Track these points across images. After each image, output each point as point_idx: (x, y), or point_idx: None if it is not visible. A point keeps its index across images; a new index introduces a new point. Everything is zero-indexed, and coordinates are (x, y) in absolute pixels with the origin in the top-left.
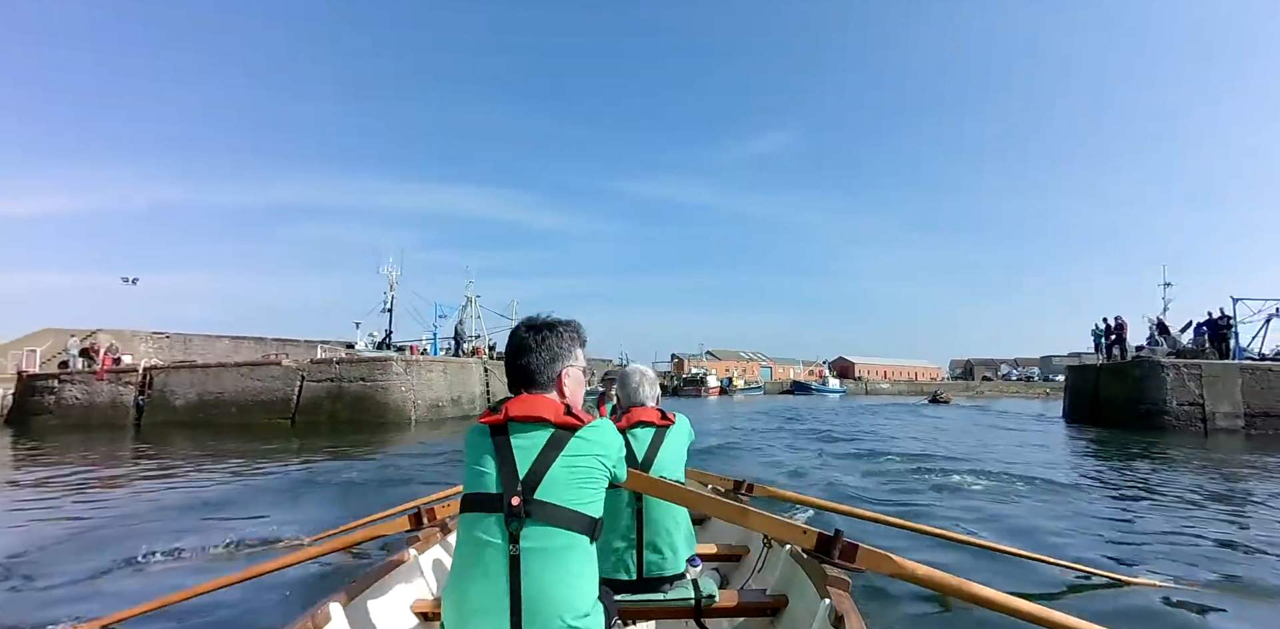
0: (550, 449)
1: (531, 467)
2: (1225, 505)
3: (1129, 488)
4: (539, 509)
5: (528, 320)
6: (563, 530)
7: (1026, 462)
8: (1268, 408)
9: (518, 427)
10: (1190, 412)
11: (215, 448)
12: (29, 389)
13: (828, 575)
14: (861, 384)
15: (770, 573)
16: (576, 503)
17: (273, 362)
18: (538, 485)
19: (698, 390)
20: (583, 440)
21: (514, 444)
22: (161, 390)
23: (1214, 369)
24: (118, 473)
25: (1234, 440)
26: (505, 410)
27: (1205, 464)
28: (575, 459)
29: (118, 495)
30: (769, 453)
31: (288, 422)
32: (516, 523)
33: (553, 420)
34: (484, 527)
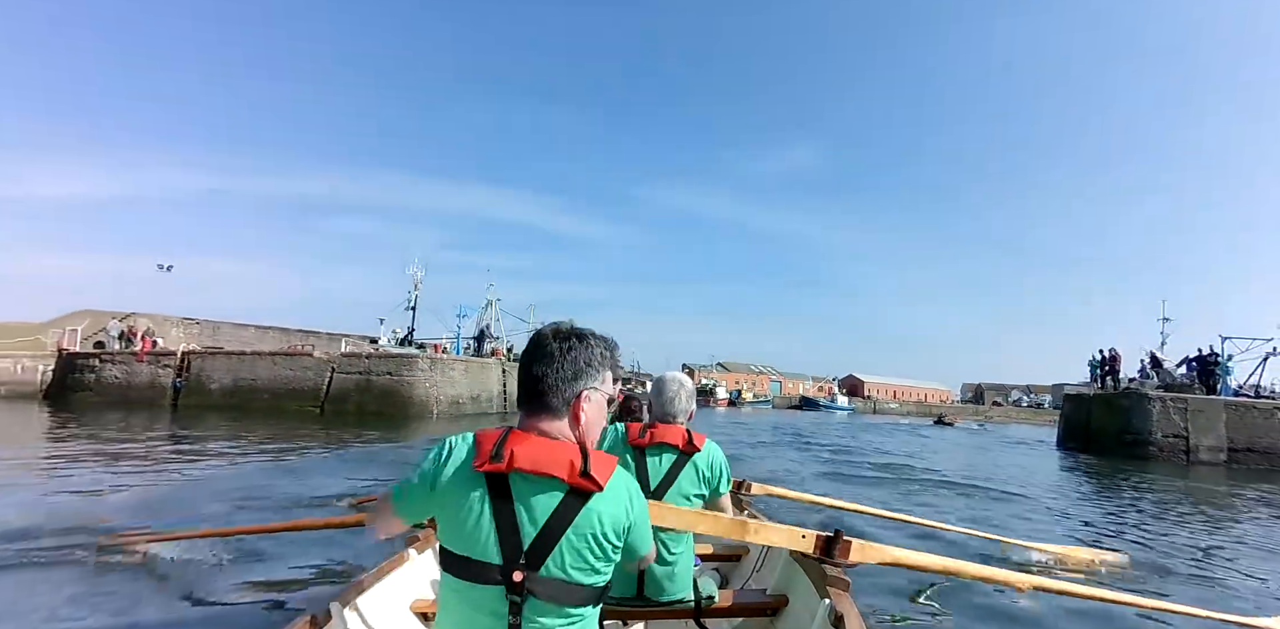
0: (559, 517)
1: (537, 537)
2: (1172, 518)
3: (1087, 500)
4: (542, 587)
5: (554, 326)
6: (569, 607)
7: (997, 476)
8: (1250, 443)
9: (523, 483)
10: (1174, 443)
11: (247, 428)
12: (70, 366)
13: (827, 575)
14: (870, 403)
15: (770, 573)
16: (587, 577)
17: (305, 353)
18: (543, 560)
19: (706, 401)
20: (593, 514)
21: (518, 506)
22: (198, 374)
23: (1199, 403)
24: (157, 445)
25: (1215, 472)
26: (509, 457)
27: (1170, 489)
28: (584, 536)
29: (157, 463)
30: (771, 456)
31: (317, 409)
32: (518, 598)
33: (565, 480)
34: (479, 599)
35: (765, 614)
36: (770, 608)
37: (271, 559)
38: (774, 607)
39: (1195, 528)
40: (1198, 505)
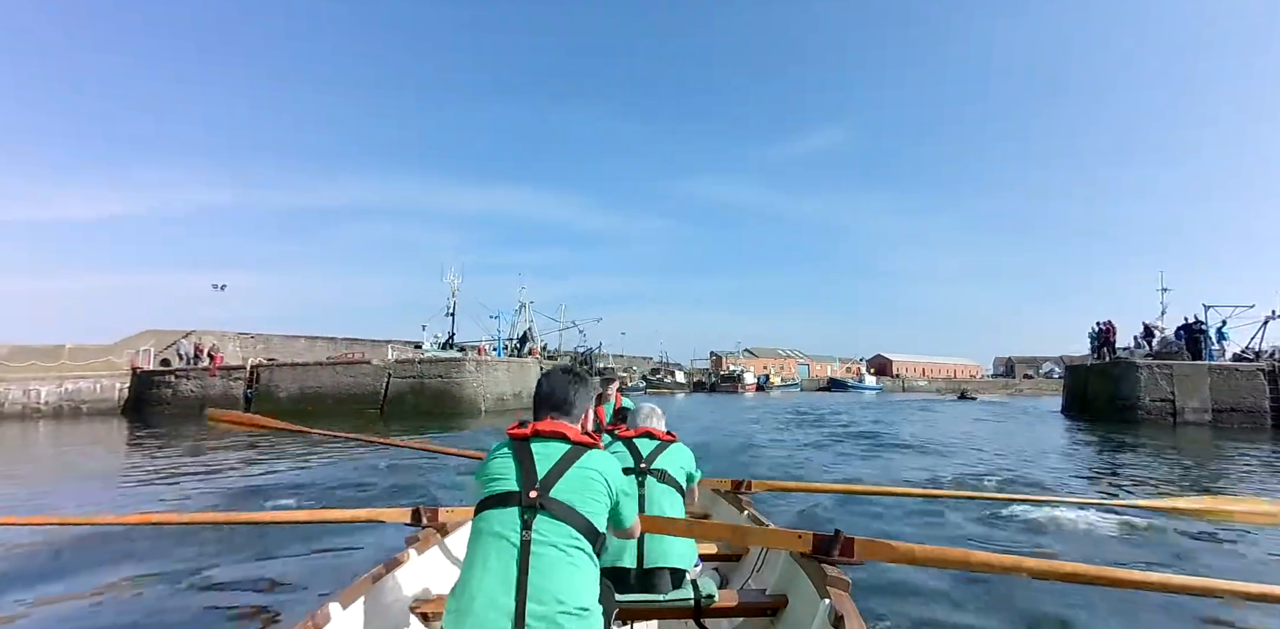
0: (566, 459)
1: (550, 470)
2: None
3: (1059, 451)
4: (551, 505)
5: (568, 367)
6: (570, 528)
7: (964, 440)
8: (1234, 403)
9: (541, 439)
10: (1161, 406)
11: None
12: (147, 383)
13: (827, 575)
14: (899, 381)
15: (770, 573)
16: (584, 509)
17: (364, 361)
18: (552, 486)
19: (734, 387)
20: (593, 458)
21: (535, 452)
22: (266, 384)
23: (1184, 369)
24: (233, 446)
25: (1200, 431)
26: (532, 427)
27: (1138, 443)
28: (586, 472)
29: (238, 462)
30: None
31: (377, 411)
32: (531, 513)
33: (571, 438)
34: (500, 517)
35: (765, 614)
36: (770, 608)
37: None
38: (774, 607)
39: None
40: (1165, 453)
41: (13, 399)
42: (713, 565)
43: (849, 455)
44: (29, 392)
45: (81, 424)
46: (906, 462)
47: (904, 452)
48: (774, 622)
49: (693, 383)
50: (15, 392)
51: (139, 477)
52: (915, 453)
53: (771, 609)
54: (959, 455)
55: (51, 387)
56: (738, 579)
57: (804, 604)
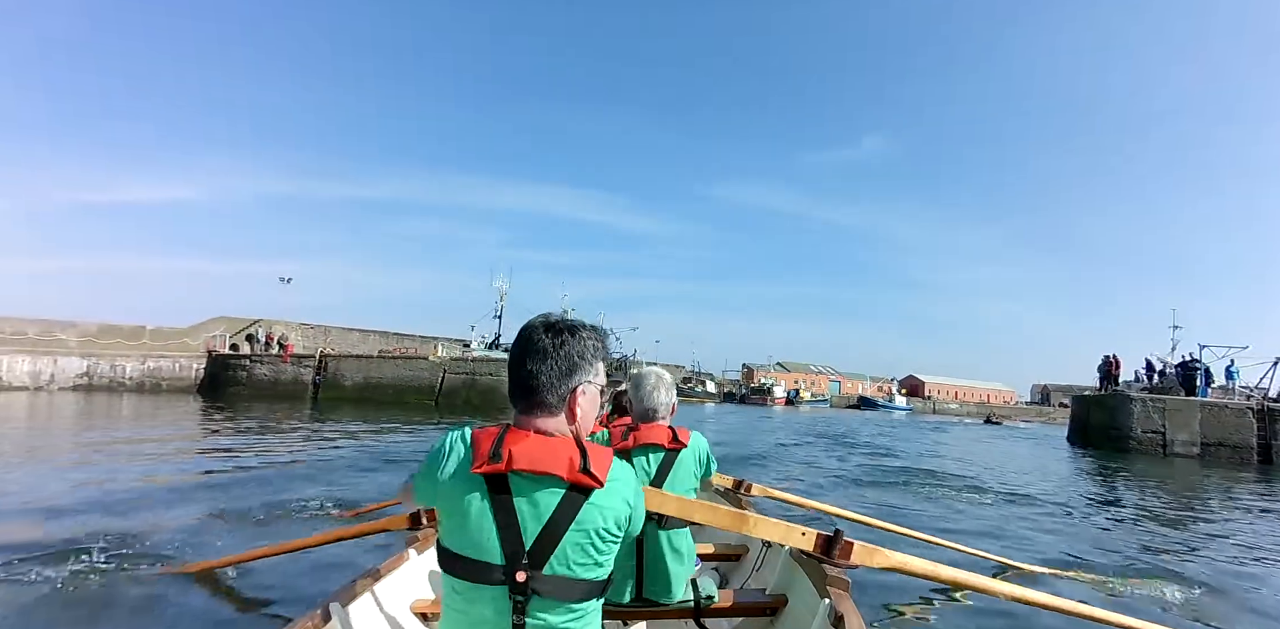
0: (561, 515)
1: (540, 536)
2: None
3: (1039, 471)
4: (547, 586)
5: (544, 319)
6: (573, 603)
7: (981, 462)
8: (1222, 438)
9: (522, 483)
10: (1153, 438)
11: (380, 415)
12: (222, 366)
13: (827, 575)
14: (929, 403)
15: (769, 573)
16: (589, 572)
17: (421, 356)
18: (546, 558)
19: (763, 399)
20: (594, 509)
21: (518, 506)
22: (334, 373)
23: (1176, 404)
24: (304, 428)
25: (1187, 463)
26: (508, 457)
27: (1120, 469)
28: (590, 528)
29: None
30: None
31: (433, 402)
32: (522, 598)
33: (565, 478)
34: (482, 599)
35: (765, 614)
36: (770, 608)
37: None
38: (774, 607)
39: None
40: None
41: (101, 373)
42: (712, 565)
43: (839, 455)
44: (116, 366)
45: (161, 398)
46: (887, 462)
47: (889, 458)
48: (774, 622)
49: (722, 393)
50: (104, 366)
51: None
52: (899, 458)
53: (771, 609)
54: (939, 465)
55: (136, 363)
56: (737, 579)
57: (804, 604)
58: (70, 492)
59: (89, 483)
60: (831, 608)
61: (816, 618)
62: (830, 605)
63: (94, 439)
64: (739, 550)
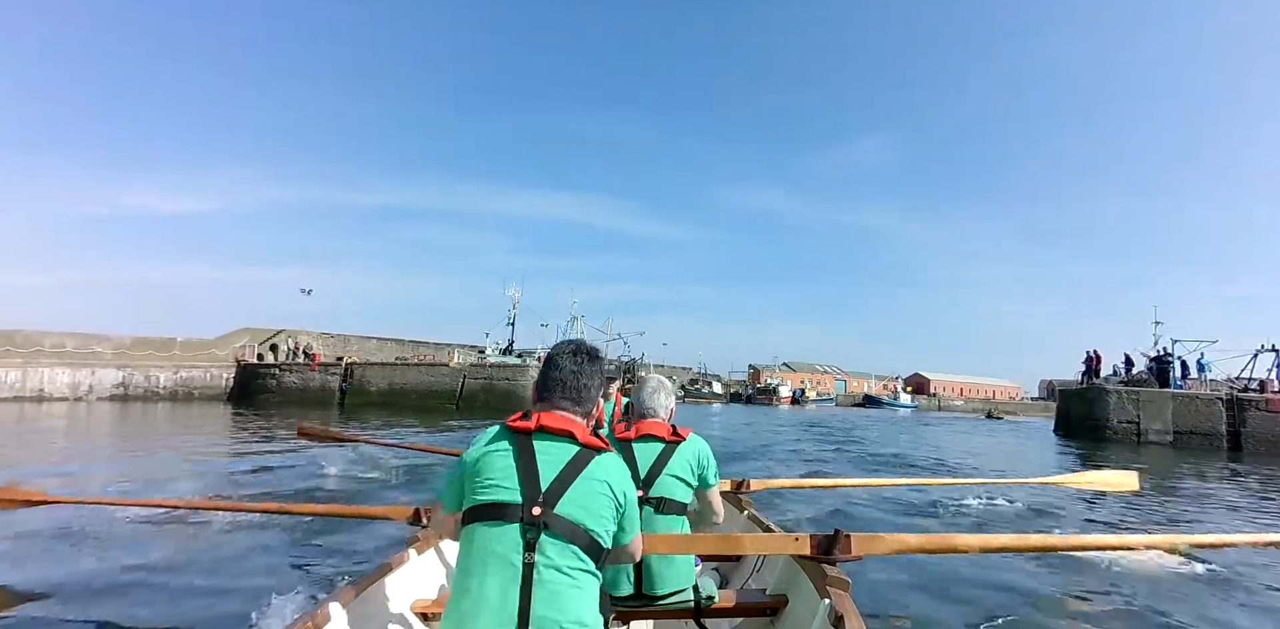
0: (573, 466)
1: (555, 480)
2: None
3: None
4: (557, 523)
5: (579, 346)
6: (578, 549)
7: (961, 448)
8: (1193, 427)
9: (545, 437)
10: (1127, 427)
11: (403, 419)
12: (251, 375)
13: (827, 575)
14: (935, 400)
15: (770, 573)
16: (591, 526)
17: (442, 363)
18: (558, 500)
19: (769, 399)
20: (602, 465)
21: (539, 455)
22: (360, 380)
23: (1149, 395)
24: (342, 427)
25: (1161, 450)
26: (537, 419)
27: (1093, 455)
28: (593, 483)
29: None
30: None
31: (453, 406)
32: (534, 532)
33: (579, 438)
34: (498, 534)
35: (765, 614)
36: (770, 608)
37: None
38: (774, 607)
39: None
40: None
41: (136, 383)
42: (712, 565)
43: (825, 444)
44: (150, 377)
45: (194, 406)
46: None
47: (856, 444)
48: (774, 622)
49: (729, 394)
50: (138, 376)
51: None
52: (881, 447)
53: (771, 609)
54: (923, 455)
55: (169, 373)
56: (737, 579)
57: (804, 604)
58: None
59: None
60: (831, 608)
61: (816, 618)
62: (830, 605)
63: (186, 440)
64: (738, 554)
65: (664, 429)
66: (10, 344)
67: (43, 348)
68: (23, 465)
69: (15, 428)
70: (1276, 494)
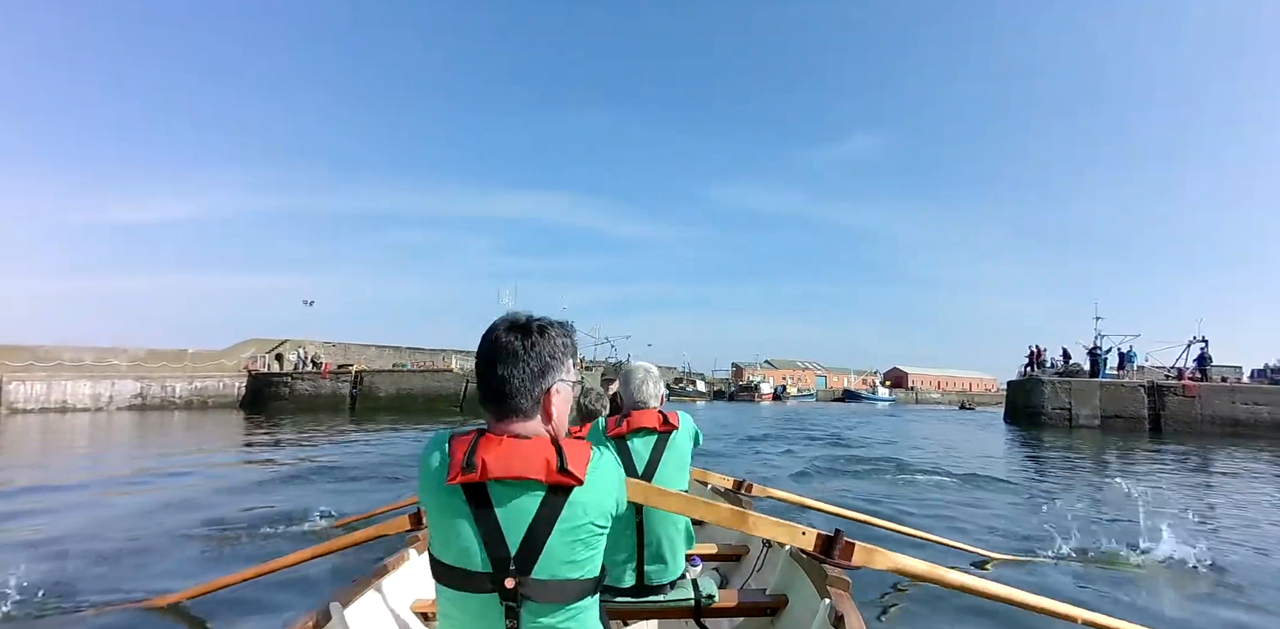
0: (543, 517)
1: (524, 541)
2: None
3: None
4: (537, 590)
5: (510, 319)
6: (565, 604)
7: (913, 433)
8: (1118, 411)
9: (501, 491)
10: (1060, 414)
11: (412, 421)
12: (264, 383)
13: (828, 575)
14: (913, 393)
15: (770, 573)
16: (578, 571)
17: (446, 368)
18: (534, 563)
19: (751, 396)
20: (576, 506)
21: (499, 514)
22: (369, 386)
23: (1080, 384)
24: (346, 433)
25: (1090, 432)
26: (481, 466)
27: (1030, 439)
28: (574, 527)
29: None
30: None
31: (458, 409)
32: (514, 602)
33: (543, 481)
34: (473, 604)
35: (765, 614)
36: (770, 608)
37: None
38: (774, 607)
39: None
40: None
41: (153, 393)
42: (713, 565)
43: (785, 429)
44: (166, 387)
45: (209, 415)
46: (816, 432)
47: (813, 431)
48: (774, 621)
49: (713, 391)
50: (155, 387)
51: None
52: (839, 439)
53: (771, 609)
54: (876, 441)
55: (184, 383)
56: (738, 579)
57: (804, 604)
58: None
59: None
60: (832, 608)
61: (817, 618)
62: (830, 605)
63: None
64: (739, 550)
65: (655, 419)
66: (33, 358)
67: (63, 362)
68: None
69: (68, 435)
70: (1190, 467)
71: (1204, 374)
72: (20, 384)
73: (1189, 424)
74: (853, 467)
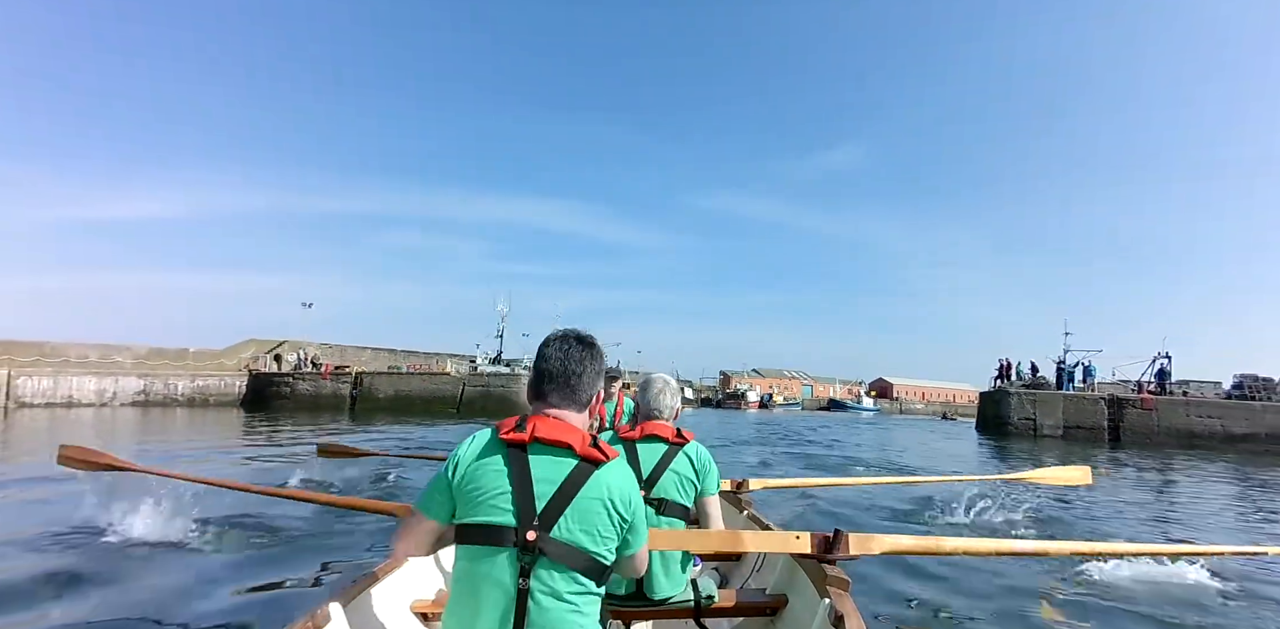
0: (571, 483)
1: (552, 499)
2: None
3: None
4: (554, 548)
5: (575, 332)
6: (576, 575)
7: (884, 440)
8: (1080, 422)
9: (541, 450)
10: (1026, 423)
11: (410, 421)
12: (265, 383)
13: (827, 575)
14: (897, 404)
15: (770, 573)
16: (592, 547)
17: (444, 372)
18: (555, 522)
19: (738, 404)
20: (601, 481)
21: (534, 471)
22: (369, 387)
23: (1045, 396)
24: (345, 431)
25: (1052, 442)
26: (531, 429)
27: (997, 445)
28: (593, 501)
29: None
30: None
31: (455, 410)
32: (530, 558)
33: (578, 450)
34: (492, 557)
35: (765, 614)
36: (770, 608)
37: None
38: (774, 606)
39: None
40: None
41: (156, 390)
42: (713, 565)
43: (764, 436)
44: (169, 384)
45: (210, 412)
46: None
47: (780, 430)
48: (774, 621)
49: (700, 399)
50: (158, 384)
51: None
52: (805, 437)
53: (771, 609)
54: (847, 445)
55: (186, 381)
56: (738, 579)
57: (804, 604)
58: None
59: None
60: (831, 608)
61: (816, 618)
62: (830, 605)
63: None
64: (739, 551)
65: (668, 431)
66: (40, 354)
67: (69, 358)
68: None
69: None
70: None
71: (1163, 388)
72: (28, 379)
73: (1146, 435)
74: (817, 463)
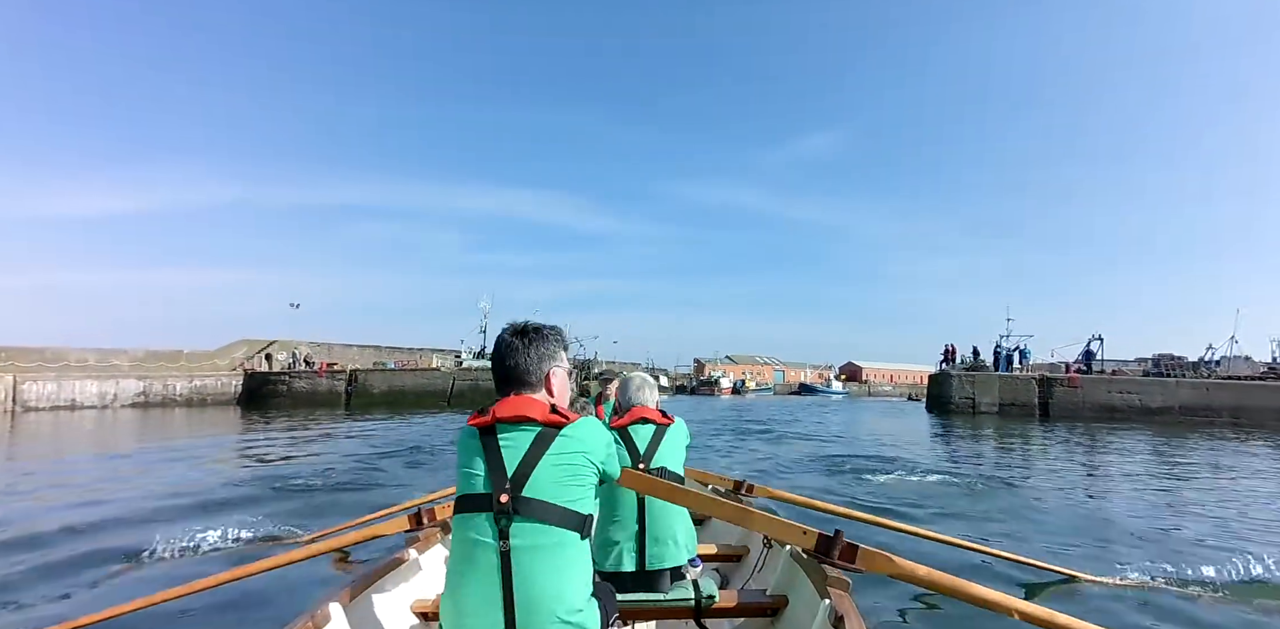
0: (536, 447)
1: (519, 465)
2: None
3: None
4: (526, 506)
5: (512, 326)
6: (552, 527)
7: (845, 420)
8: (1014, 400)
9: (505, 427)
10: (965, 402)
11: (404, 413)
12: (262, 381)
13: (828, 576)
14: (866, 386)
15: (770, 573)
16: (565, 500)
17: (435, 368)
18: (525, 483)
19: (711, 390)
20: (568, 438)
21: (501, 445)
22: (363, 384)
23: (982, 377)
24: (341, 424)
25: (989, 418)
26: (493, 412)
27: (941, 422)
28: (562, 457)
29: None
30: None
31: (445, 403)
32: (505, 519)
33: (539, 419)
34: (475, 526)
35: (765, 614)
36: (770, 608)
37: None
38: (774, 607)
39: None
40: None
41: (155, 391)
42: (713, 566)
43: (726, 416)
44: (167, 385)
45: (208, 411)
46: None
47: (750, 416)
48: (774, 622)
49: (675, 386)
50: (157, 385)
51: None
52: (765, 416)
53: (772, 609)
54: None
55: (184, 382)
56: (738, 579)
57: (804, 604)
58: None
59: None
60: (832, 608)
61: (817, 618)
62: (831, 606)
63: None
64: (740, 551)
65: (654, 413)
66: (41, 359)
67: (69, 362)
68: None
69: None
70: (1075, 445)
71: (1089, 367)
72: (34, 384)
73: (1072, 410)
74: (768, 438)
